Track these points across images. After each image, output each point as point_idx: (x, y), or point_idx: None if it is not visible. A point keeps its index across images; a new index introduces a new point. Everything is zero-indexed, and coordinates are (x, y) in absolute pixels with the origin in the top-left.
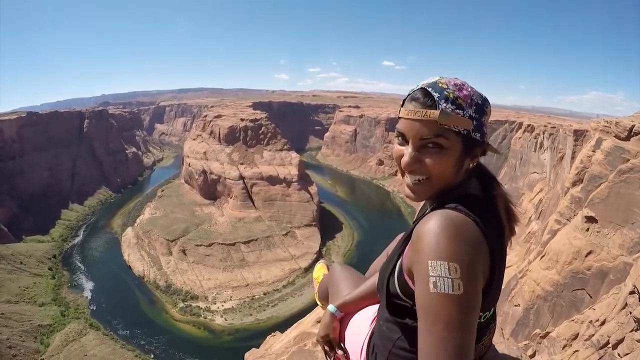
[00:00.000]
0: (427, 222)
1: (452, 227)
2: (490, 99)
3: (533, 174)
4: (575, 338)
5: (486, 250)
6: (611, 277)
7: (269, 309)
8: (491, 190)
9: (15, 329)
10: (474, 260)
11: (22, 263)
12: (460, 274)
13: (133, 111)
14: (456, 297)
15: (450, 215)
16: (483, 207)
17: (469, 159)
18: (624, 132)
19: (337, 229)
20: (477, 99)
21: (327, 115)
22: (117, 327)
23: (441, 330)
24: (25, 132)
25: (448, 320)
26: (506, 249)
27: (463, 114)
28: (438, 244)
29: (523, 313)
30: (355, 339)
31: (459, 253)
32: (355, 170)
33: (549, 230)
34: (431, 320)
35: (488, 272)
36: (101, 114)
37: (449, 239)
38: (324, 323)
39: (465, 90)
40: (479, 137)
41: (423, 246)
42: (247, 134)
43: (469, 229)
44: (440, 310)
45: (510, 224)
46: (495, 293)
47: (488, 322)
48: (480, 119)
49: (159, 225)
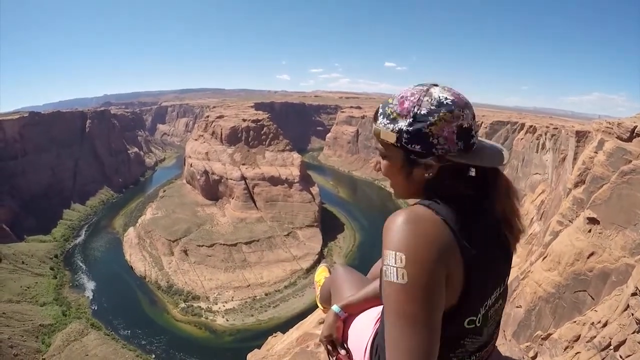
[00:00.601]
0: (394, 215)
1: (409, 220)
2: (492, 100)
3: (535, 175)
4: (577, 340)
5: (454, 250)
6: (613, 279)
7: (270, 310)
8: (486, 197)
9: (17, 329)
10: (427, 254)
11: (23, 263)
12: (405, 263)
13: (135, 111)
14: (400, 286)
15: (414, 209)
16: (469, 209)
17: (419, 168)
18: (626, 133)
19: (338, 229)
20: (419, 110)
21: (329, 115)
22: (119, 327)
23: (392, 317)
24: (28, 132)
25: (396, 309)
26: (499, 254)
27: (392, 129)
28: (392, 235)
29: (525, 314)
30: (359, 339)
31: (408, 244)
32: (357, 171)
33: (551, 231)
34: (385, 307)
35: (462, 273)
36: (103, 114)
37: (402, 230)
38: (327, 323)
39: (408, 102)
40: (418, 149)
41: (383, 237)
42: (249, 134)
43: (428, 224)
44: (387, 298)
45: (510, 234)
46: (479, 298)
47: (479, 330)
48: (418, 131)
49: (160, 225)
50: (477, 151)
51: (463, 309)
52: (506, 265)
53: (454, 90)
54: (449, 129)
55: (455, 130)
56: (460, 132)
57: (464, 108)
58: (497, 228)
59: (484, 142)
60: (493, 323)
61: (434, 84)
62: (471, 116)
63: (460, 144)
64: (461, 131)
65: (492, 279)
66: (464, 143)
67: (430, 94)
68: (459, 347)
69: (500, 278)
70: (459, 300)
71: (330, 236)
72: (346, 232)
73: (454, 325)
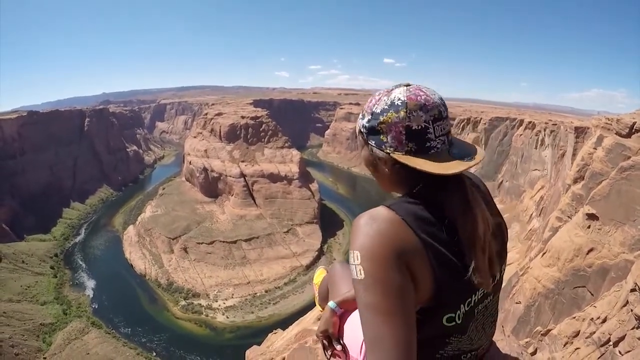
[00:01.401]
0: (357, 217)
1: (365, 222)
2: (491, 96)
3: (534, 171)
4: (577, 335)
5: (415, 247)
6: (612, 275)
7: (270, 307)
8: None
9: (18, 328)
10: (379, 250)
11: (24, 262)
12: (360, 260)
13: (134, 109)
14: (359, 281)
15: (374, 210)
16: (430, 207)
17: (381, 163)
18: (625, 129)
19: (338, 226)
20: (375, 108)
21: (327, 112)
22: (119, 325)
23: (360, 311)
24: (26, 131)
25: (360, 302)
26: (467, 251)
27: (359, 123)
28: (352, 236)
29: (524, 310)
30: (355, 335)
31: (362, 243)
32: (356, 168)
33: (550, 227)
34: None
35: (429, 270)
36: (102, 112)
37: (358, 231)
38: (324, 318)
39: (373, 100)
40: (373, 144)
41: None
42: (248, 131)
43: (383, 224)
44: (355, 294)
45: (469, 230)
46: (455, 295)
47: (462, 328)
48: (372, 127)
49: (160, 223)
50: (435, 155)
51: (438, 306)
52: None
53: (420, 91)
54: (396, 129)
55: (403, 130)
56: (410, 133)
57: (415, 110)
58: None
59: (457, 146)
60: (483, 321)
61: (407, 84)
62: (427, 119)
63: (412, 145)
64: (411, 132)
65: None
66: (416, 145)
67: (390, 94)
68: (445, 346)
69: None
70: (433, 296)
71: (330, 233)
72: (345, 229)
73: (432, 322)
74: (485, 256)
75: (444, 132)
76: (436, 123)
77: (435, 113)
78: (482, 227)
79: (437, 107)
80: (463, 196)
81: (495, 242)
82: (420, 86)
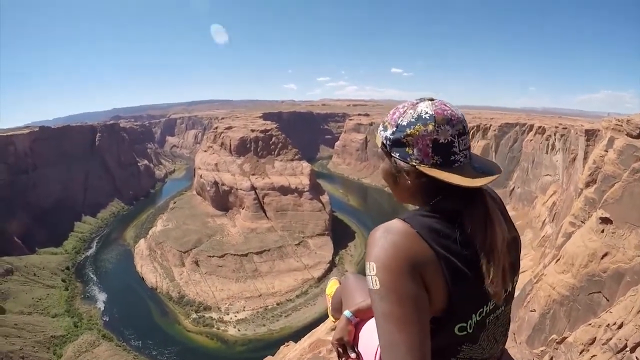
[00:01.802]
0: (373, 230)
1: (381, 235)
2: (499, 102)
3: (546, 177)
4: (593, 342)
5: (429, 259)
6: (628, 279)
7: (282, 319)
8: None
9: (29, 340)
10: (394, 262)
11: (35, 275)
12: (376, 271)
13: (144, 124)
14: (375, 291)
15: (389, 223)
16: (445, 220)
17: (402, 176)
18: (635, 129)
19: (349, 237)
20: (401, 121)
21: (337, 124)
22: (130, 338)
23: (377, 320)
24: (38, 147)
25: (376, 311)
26: (483, 262)
27: (382, 135)
28: (368, 248)
29: (539, 318)
30: (369, 343)
31: (377, 255)
32: (366, 179)
33: (564, 233)
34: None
35: (443, 281)
36: (113, 127)
37: (374, 243)
38: (339, 327)
39: (397, 113)
40: (398, 156)
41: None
42: (258, 144)
43: (397, 236)
44: (372, 304)
45: (488, 244)
46: (468, 306)
47: (473, 337)
48: (397, 139)
49: (171, 236)
50: (459, 168)
51: (451, 316)
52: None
53: (445, 106)
54: (423, 142)
55: (430, 144)
56: (437, 147)
57: (443, 124)
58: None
59: (476, 161)
60: (494, 330)
61: (431, 98)
62: (453, 133)
63: (437, 159)
64: (437, 146)
65: (476, 290)
66: (442, 158)
67: (416, 107)
68: (456, 354)
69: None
70: (446, 307)
71: (342, 244)
72: (357, 240)
73: (444, 332)
74: (500, 269)
75: (466, 146)
76: (460, 137)
77: (460, 128)
78: (500, 241)
79: (461, 122)
80: (484, 210)
81: (509, 255)
82: (444, 101)
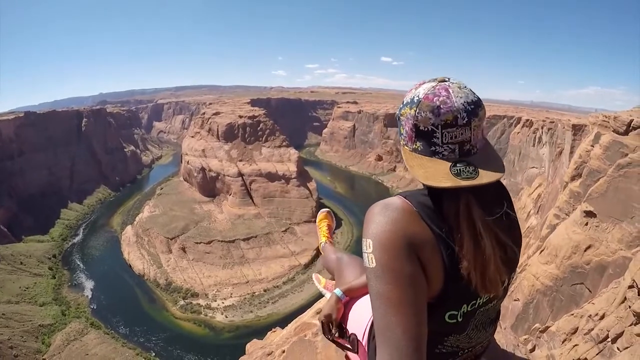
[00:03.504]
0: (371, 206)
1: (378, 210)
2: (488, 94)
3: (532, 169)
4: (575, 332)
5: (427, 239)
6: (610, 272)
7: (269, 306)
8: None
9: (17, 329)
10: (391, 239)
11: (22, 263)
12: (372, 249)
13: (131, 109)
14: (370, 270)
15: (388, 200)
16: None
17: (402, 150)
18: (622, 126)
19: (336, 225)
20: (405, 99)
21: (325, 111)
22: (118, 326)
23: (372, 299)
24: (24, 132)
25: (372, 290)
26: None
27: (397, 114)
28: (365, 225)
29: (523, 307)
30: (358, 323)
31: (374, 231)
32: (354, 166)
33: (548, 224)
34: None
35: (441, 264)
36: (99, 112)
37: (371, 220)
38: (329, 304)
39: (410, 89)
40: (398, 131)
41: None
42: (246, 130)
43: (395, 213)
44: (367, 282)
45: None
46: (462, 293)
47: (461, 326)
48: (398, 116)
49: (158, 223)
50: (442, 161)
51: (443, 301)
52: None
53: (444, 92)
54: (408, 124)
55: (413, 128)
56: (418, 133)
57: (425, 111)
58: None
59: (475, 160)
60: (483, 320)
61: (443, 79)
62: (436, 122)
63: (420, 145)
64: (418, 132)
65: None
66: (423, 145)
67: (418, 88)
68: (443, 342)
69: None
70: (441, 291)
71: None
72: (344, 227)
73: (434, 317)
74: (494, 269)
75: (455, 140)
76: (447, 129)
77: (448, 118)
78: (492, 257)
79: (454, 112)
80: (470, 226)
81: (506, 256)
82: (449, 86)
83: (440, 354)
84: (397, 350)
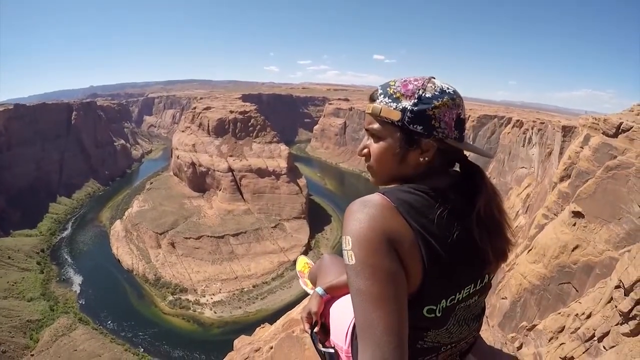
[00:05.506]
0: (350, 203)
1: (358, 208)
2: (479, 94)
3: (521, 169)
4: (562, 331)
5: (406, 236)
6: (597, 272)
7: (258, 302)
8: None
9: (4, 325)
10: (369, 235)
11: (10, 258)
12: (351, 245)
13: (121, 103)
14: (350, 267)
15: (367, 197)
16: (430, 199)
17: (416, 151)
18: (612, 129)
19: (326, 221)
20: (423, 93)
21: (316, 107)
22: (107, 321)
23: (352, 296)
24: (13, 125)
25: (352, 287)
26: (473, 254)
27: (396, 107)
28: (345, 222)
29: (510, 306)
30: (340, 322)
31: (353, 228)
32: (344, 163)
33: (536, 224)
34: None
35: (419, 260)
36: (89, 105)
37: (350, 217)
38: (310, 302)
39: (412, 85)
40: (420, 130)
41: None
42: (237, 126)
43: (374, 209)
44: (347, 280)
45: (491, 237)
46: (440, 289)
47: (440, 321)
48: (422, 111)
49: (147, 218)
50: (466, 144)
51: (421, 296)
52: (484, 266)
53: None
54: (449, 115)
55: (455, 117)
56: (458, 121)
57: (462, 100)
58: (472, 230)
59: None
60: (465, 316)
61: (433, 77)
62: (460, 112)
63: (456, 133)
64: (459, 120)
65: (463, 274)
66: (459, 133)
67: (433, 82)
68: (423, 337)
69: (475, 276)
70: (419, 286)
71: (318, 228)
72: (333, 224)
73: (413, 312)
74: (472, 263)
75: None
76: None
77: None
78: (470, 251)
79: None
80: (490, 197)
81: (495, 247)
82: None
83: (422, 349)
84: (379, 346)
